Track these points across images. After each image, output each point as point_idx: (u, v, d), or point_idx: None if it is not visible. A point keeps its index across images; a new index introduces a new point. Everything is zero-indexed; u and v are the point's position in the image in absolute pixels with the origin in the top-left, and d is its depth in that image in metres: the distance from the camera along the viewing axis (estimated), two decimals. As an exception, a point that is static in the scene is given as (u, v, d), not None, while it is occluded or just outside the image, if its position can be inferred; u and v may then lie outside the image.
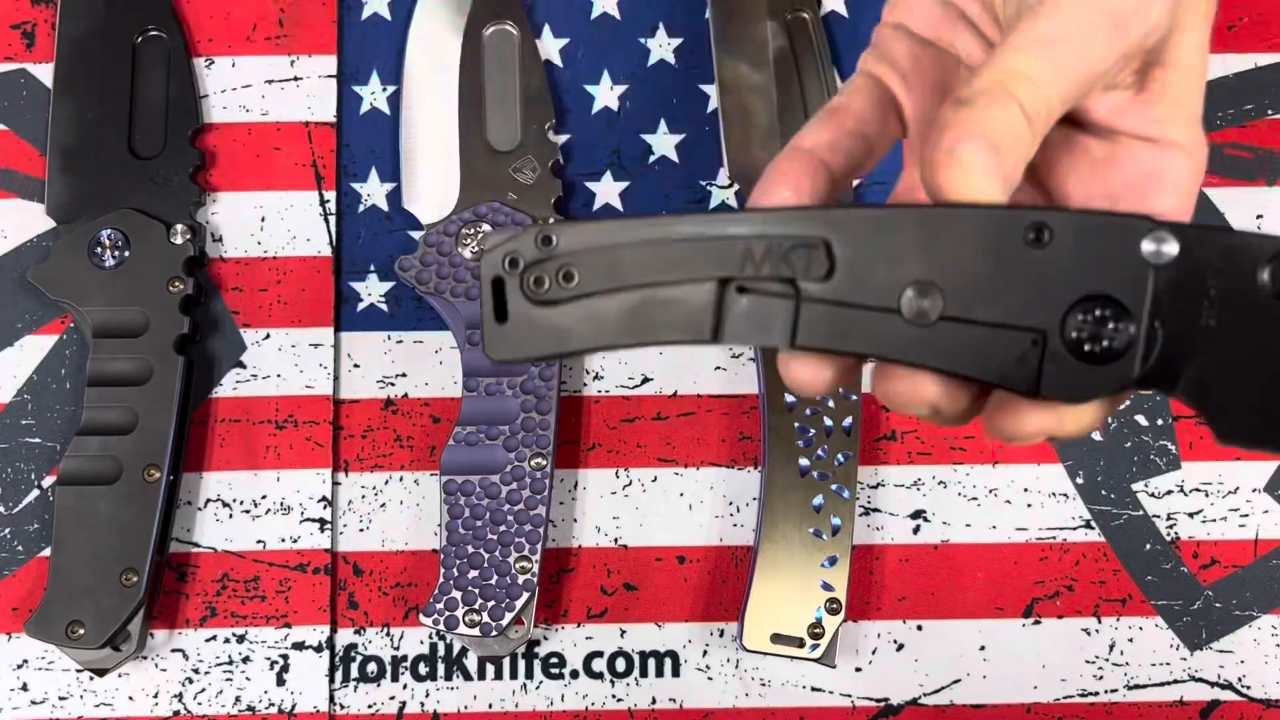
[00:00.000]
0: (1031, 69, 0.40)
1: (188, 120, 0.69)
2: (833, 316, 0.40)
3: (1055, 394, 0.39)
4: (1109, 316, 0.38)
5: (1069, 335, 0.39)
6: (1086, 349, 0.39)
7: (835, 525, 0.64)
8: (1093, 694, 0.66)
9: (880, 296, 0.39)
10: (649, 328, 0.41)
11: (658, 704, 0.66)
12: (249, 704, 0.65)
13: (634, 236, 0.40)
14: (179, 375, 0.65)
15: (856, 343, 0.40)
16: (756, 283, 0.40)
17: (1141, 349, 0.38)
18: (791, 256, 0.40)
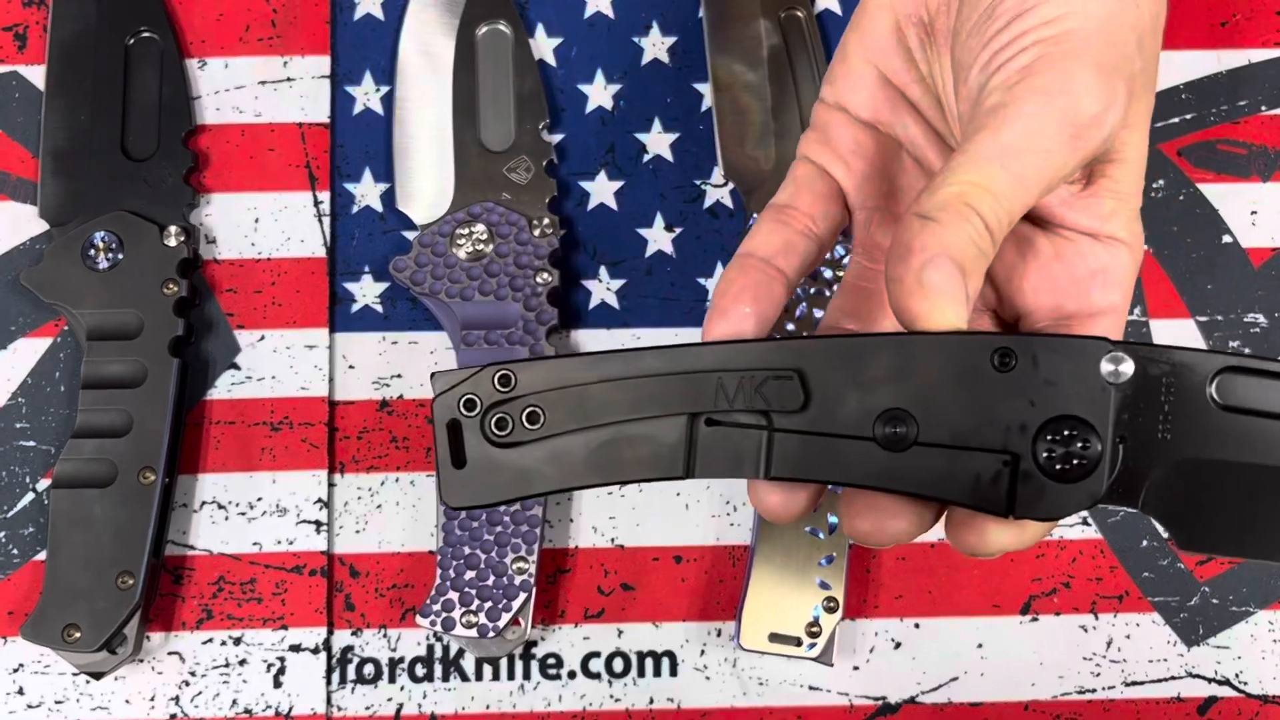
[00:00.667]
0: (993, 181, 0.40)
1: (180, 122, 0.69)
2: (806, 446, 0.40)
3: (1029, 513, 0.40)
4: (1076, 435, 0.40)
5: (1040, 456, 0.40)
6: (1058, 468, 0.40)
7: (832, 524, 0.64)
8: (1090, 691, 0.66)
9: (854, 425, 0.40)
10: (618, 466, 0.41)
11: (655, 704, 0.66)
12: (246, 706, 0.65)
13: (600, 374, 0.40)
14: (173, 377, 0.65)
15: (831, 471, 0.41)
16: (729, 415, 0.40)
17: (1107, 465, 0.40)
18: (765, 389, 0.40)
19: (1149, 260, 0.69)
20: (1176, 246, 0.70)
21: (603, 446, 0.40)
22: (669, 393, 0.40)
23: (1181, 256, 0.70)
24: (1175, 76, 0.71)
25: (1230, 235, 0.70)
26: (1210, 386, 0.40)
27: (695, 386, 0.40)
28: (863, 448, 0.40)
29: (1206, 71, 0.71)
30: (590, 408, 0.40)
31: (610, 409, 0.40)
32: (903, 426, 0.40)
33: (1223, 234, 0.70)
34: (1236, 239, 0.70)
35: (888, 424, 0.40)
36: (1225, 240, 0.70)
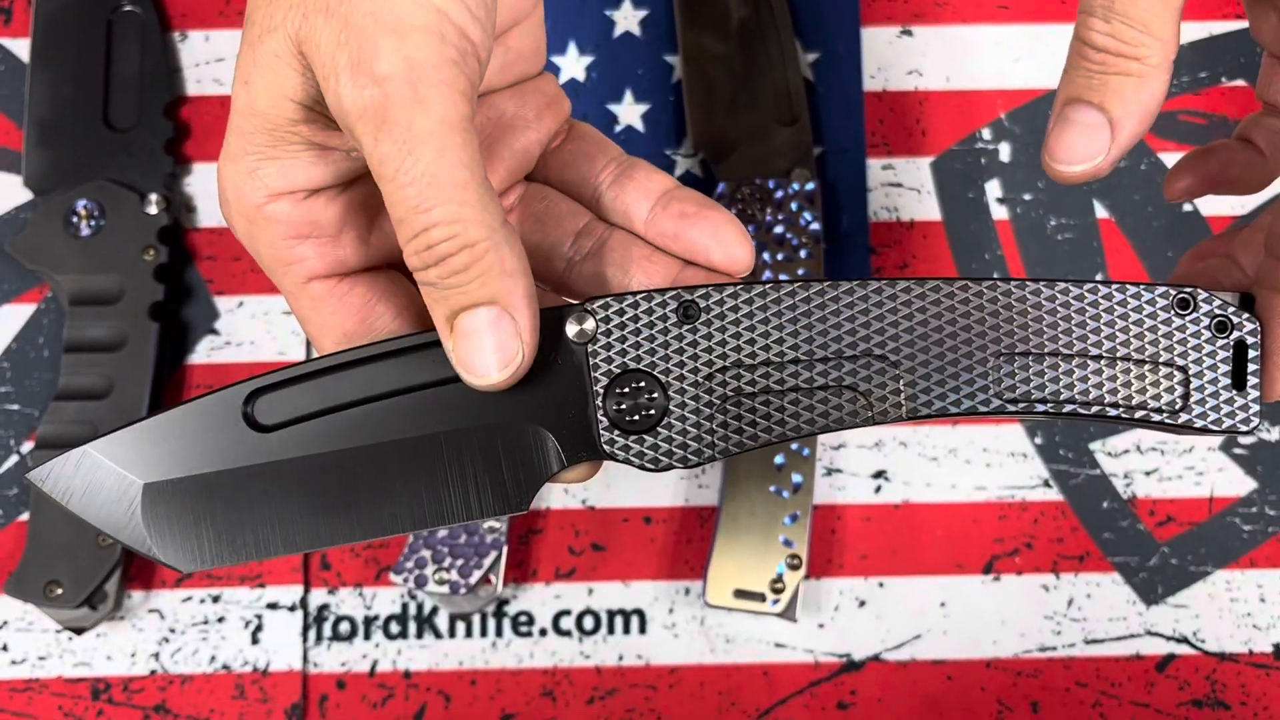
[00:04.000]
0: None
1: (161, 93, 0.70)
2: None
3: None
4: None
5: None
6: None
7: (796, 483, 0.66)
8: (1051, 649, 0.68)
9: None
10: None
11: (625, 660, 0.67)
12: (224, 663, 0.67)
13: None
14: (153, 341, 0.67)
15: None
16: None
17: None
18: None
19: (1110, 227, 0.71)
20: (1138, 215, 0.71)
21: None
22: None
23: (1143, 225, 0.71)
24: (1137, 48, 0.72)
25: (1191, 204, 0.71)
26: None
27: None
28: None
29: (1168, 43, 0.72)
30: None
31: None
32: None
33: (1183, 203, 0.71)
34: (1197, 207, 0.71)
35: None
36: (1186, 208, 0.71)
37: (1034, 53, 0.72)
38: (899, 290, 0.42)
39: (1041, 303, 0.42)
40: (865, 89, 0.72)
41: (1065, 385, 0.42)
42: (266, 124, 0.40)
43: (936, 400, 0.42)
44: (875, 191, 0.71)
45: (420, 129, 0.38)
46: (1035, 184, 0.71)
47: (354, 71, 0.38)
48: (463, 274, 0.39)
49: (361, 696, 0.67)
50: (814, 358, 0.42)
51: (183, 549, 0.41)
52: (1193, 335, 0.43)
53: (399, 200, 0.39)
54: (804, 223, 0.68)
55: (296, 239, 0.42)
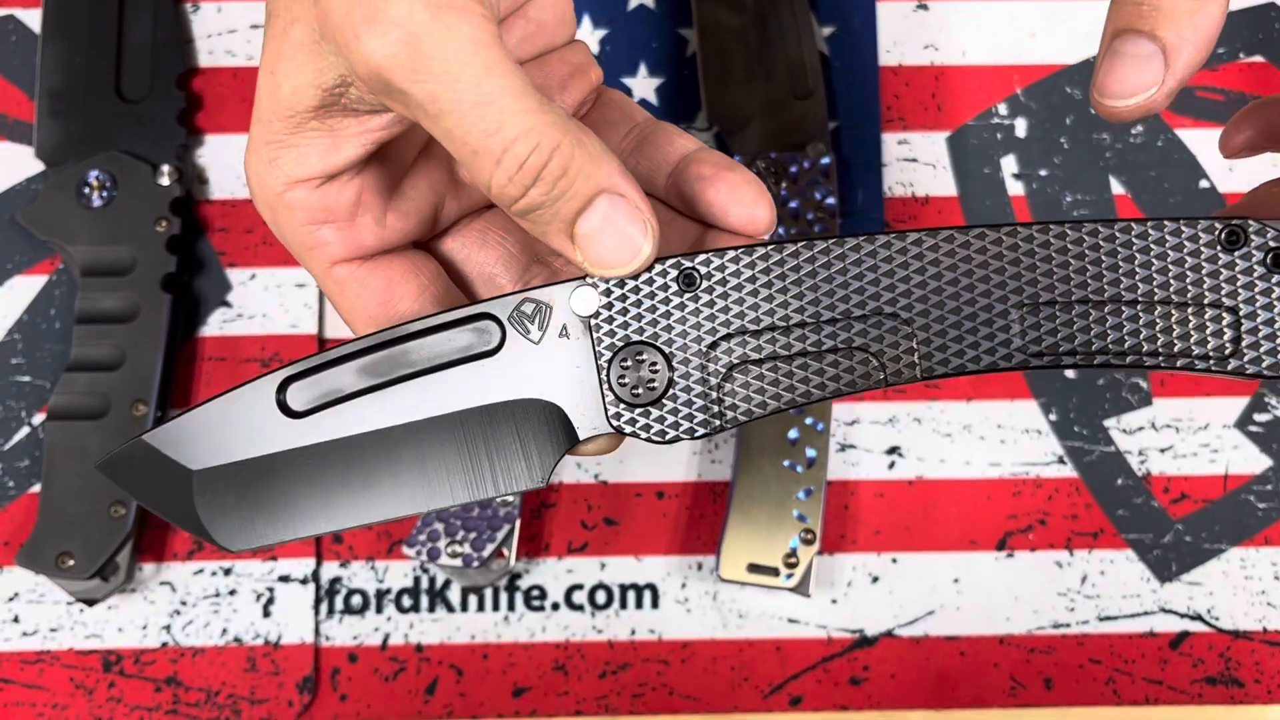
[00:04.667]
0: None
1: (174, 64, 0.70)
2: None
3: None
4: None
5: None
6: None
7: (810, 457, 0.65)
8: (1064, 625, 0.67)
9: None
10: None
11: (637, 635, 0.67)
12: (236, 635, 0.67)
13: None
14: (165, 312, 0.67)
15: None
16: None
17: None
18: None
19: (1126, 203, 0.70)
20: (1155, 191, 0.71)
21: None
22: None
23: (1160, 201, 0.71)
24: (1155, 24, 0.72)
25: (1208, 180, 0.71)
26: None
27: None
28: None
29: (1186, 19, 0.72)
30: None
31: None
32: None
33: (1200, 179, 0.71)
34: (1214, 184, 0.71)
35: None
36: (1203, 185, 0.71)
37: (1051, 27, 0.72)
38: (909, 243, 0.40)
39: (1067, 246, 0.40)
40: (881, 63, 0.71)
41: (1096, 335, 0.39)
42: (287, 112, 0.41)
43: (953, 358, 0.40)
44: (890, 166, 0.71)
45: (458, 55, 0.38)
46: (1051, 159, 0.71)
47: (371, 23, 0.38)
48: (564, 179, 0.39)
49: (373, 669, 0.67)
50: (821, 320, 0.41)
51: (234, 531, 0.42)
52: (1243, 272, 0.39)
53: (465, 131, 0.38)
54: (819, 197, 0.67)
55: (315, 224, 0.43)
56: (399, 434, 0.42)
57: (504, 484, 0.42)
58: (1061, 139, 0.71)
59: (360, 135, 0.42)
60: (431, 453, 0.42)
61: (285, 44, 0.40)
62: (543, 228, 0.40)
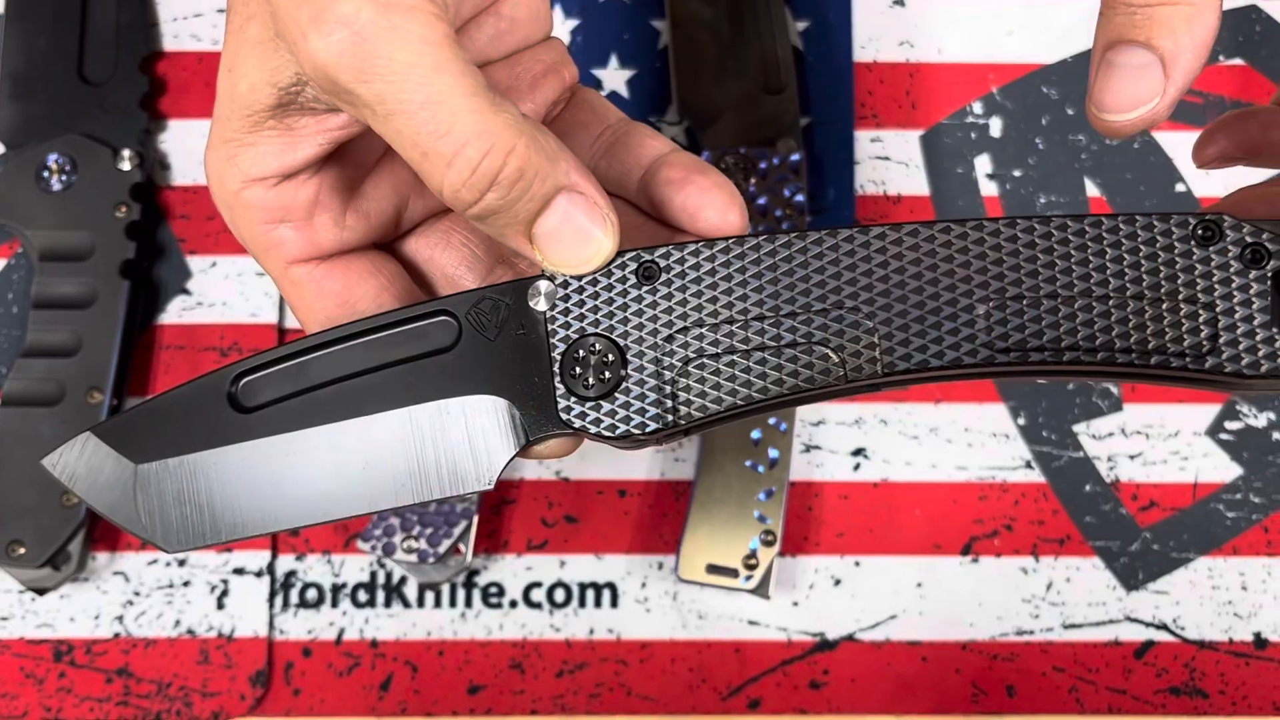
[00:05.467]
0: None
1: (138, 48, 0.69)
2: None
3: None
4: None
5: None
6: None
7: (773, 458, 0.65)
8: (1029, 632, 0.67)
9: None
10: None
11: (595, 634, 0.66)
12: (189, 627, 0.66)
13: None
14: (123, 299, 0.66)
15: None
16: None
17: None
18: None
19: (1102, 206, 0.70)
20: (1130, 194, 0.70)
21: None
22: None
23: (1135, 204, 0.70)
24: (1134, 24, 0.71)
25: (1183, 183, 0.70)
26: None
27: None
28: None
29: (1166, 20, 0.71)
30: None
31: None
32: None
33: (1176, 182, 0.70)
34: (1190, 188, 0.70)
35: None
36: (1179, 189, 0.70)
37: (1029, 25, 0.71)
38: (872, 237, 0.39)
39: (1035, 241, 0.38)
40: (855, 59, 0.71)
41: (1066, 330, 0.38)
42: (244, 110, 0.40)
43: (916, 353, 0.39)
44: (863, 164, 0.70)
45: (405, 56, 0.37)
46: (1026, 160, 0.70)
47: (317, 22, 0.37)
48: (521, 182, 0.38)
49: (328, 664, 0.66)
50: (780, 313, 0.40)
51: (173, 530, 0.41)
52: (1219, 268, 0.38)
53: (414, 134, 0.37)
54: (788, 194, 0.66)
55: (272, 224, 0.42)
56: (349, 432, 0.41)
57: (451, 485, 0.41)
58: (1037, 139, 0.70)
59: (318, 135, 0.41)
60: (379, 451, 0.41)
61: (242, 41, 0.40)
62: (500, 230, 0.40)
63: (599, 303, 0.40)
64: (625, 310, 0.40)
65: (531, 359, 0.40)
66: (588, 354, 0.40)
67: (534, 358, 0.40)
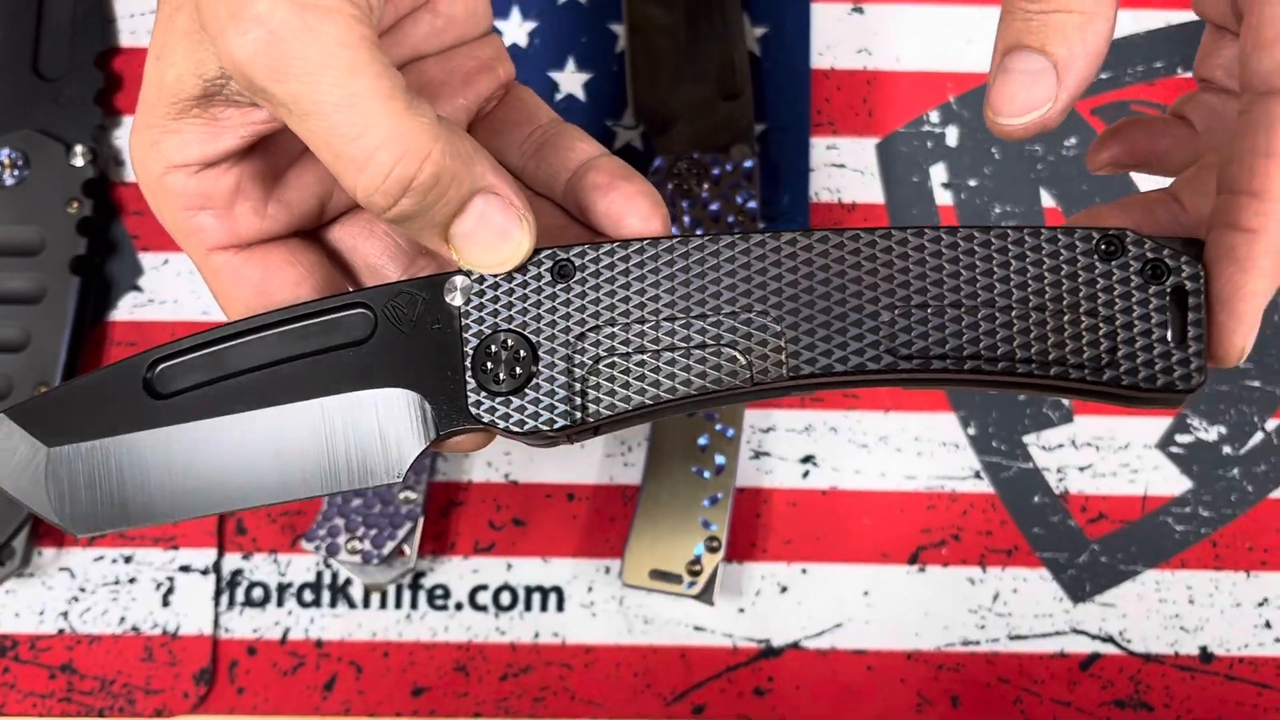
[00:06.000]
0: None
1: (93, 43, 0.69)
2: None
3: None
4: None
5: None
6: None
7: (719, 464, 0.65)
8: (974, 643, 0.66)
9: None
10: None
11: (540, 638, 0.66)
12: (134, 624, 0.66)
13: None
14: (73, 295, 0.66)
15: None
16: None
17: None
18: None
19: (1056, 216, 0.69)
20: (1085, 204, 0.70)
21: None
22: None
23: (1090, 215, 0.69)
24: (1093, 35, 0.71)
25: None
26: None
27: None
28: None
29: (1124, 32, 0.71)
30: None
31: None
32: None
33: (1131, 194, 0.70)
34: (1145, 200, 0.70)
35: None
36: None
37: (987, 34, 0.71)
38: (783, 243, 0.40)
39: (941, 250, 0.39)
40: (813, 66, 0.70)
41: (969, 340, 0.39)
42: (171, 98, 0.40)
43: (820, 357, 0.39)
44: (818, 171, 0.70)
45: (320, 56, 0.37)
46: (982, 170, 0.70)
47: (235, 20, 0.37)
48: (436, 188, 0.38)
49: (272, 663, 0.66)
50: (690, 315, 0.40)
51: (80, 514, 0.41)
52: (1120, 282, 0.38)
53: (327, 136, 0.37)
54: (740, 200, 0.66)
55: (193, 210, 0.43)
56: (262, 421, 0.41)
57: (361, 477, 0.42)
58: (993, 149, 0.70)
59: (241, 127, 0.41)
60: (290, 441, 0.41)
61: (171, 31, 0.40)
62: (416, 232, 0.40)
63: (513, 299, 0.40)
64: (539, 308, 0.40)
65: (445, 353, 0.41)
66: (500, 350, 0.40)
67: (447, 352, 0.41)
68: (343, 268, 0.46)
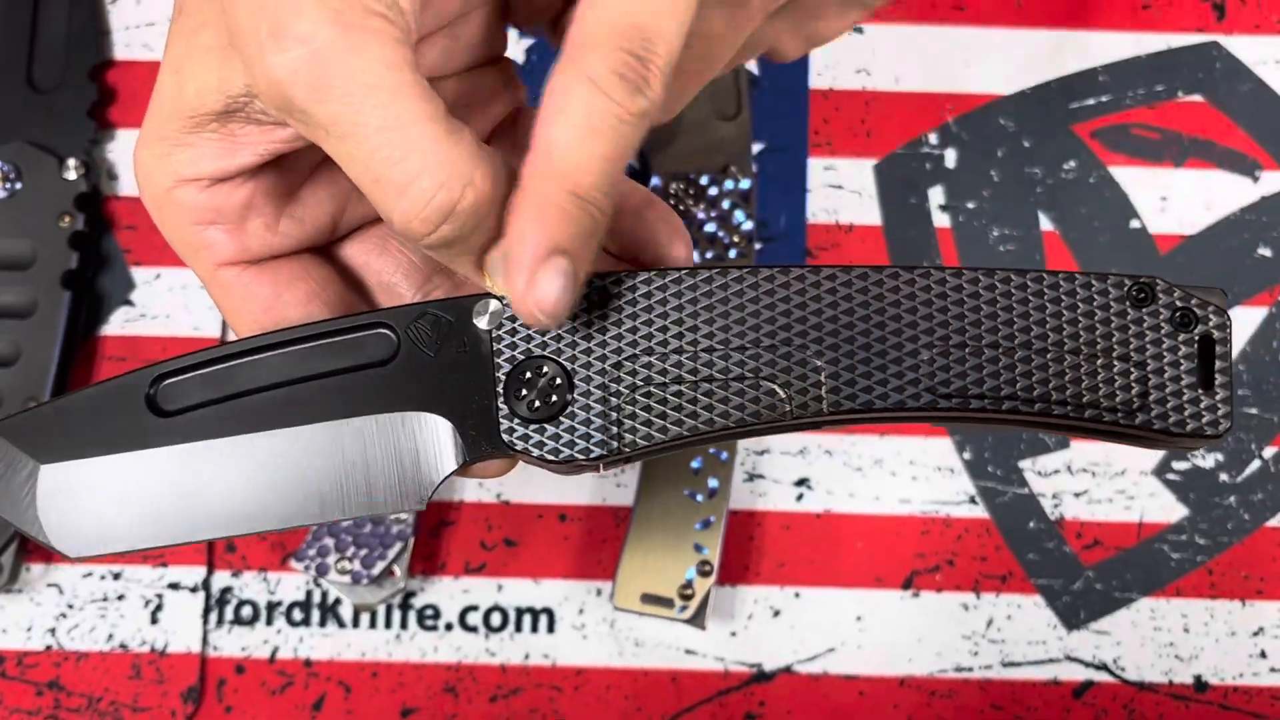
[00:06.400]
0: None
1: (88, 55, 0.69)
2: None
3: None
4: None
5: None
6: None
7: (713, 488, 0.64)
8: (967, 669, 0.66)
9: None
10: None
11: (531, 659, 0.66)
12: (122, 641, 0.65)
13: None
14: (64, 310, 0.65)
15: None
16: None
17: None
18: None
19: (1054, 240, 0.69)
20: (1084, 229, 0.69)
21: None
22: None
23: (1088, 239, 0.69)
24: (1094, 58, 0.70)
25: (1138, 220, 0.69)
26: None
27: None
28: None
29: (1125, 54, 0.71)
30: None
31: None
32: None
33: (1131, 218, 0.69)
34: (1145, 224, 0.69)
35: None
36: (1134, 225, 0.69)
37: (986, 56, 0.70)
38: (823, 278, 0.40)
39: (980, 292, 0.40)
40: (811, 86, 0.70)
41: (1006, 380, 0.39)
42: (189, 111, 0.39)
43: (861, 394, 0.39)
44: (815, 192, 0.69)
45: (365, 77, 0.36)
46: (980, 192, 0.69)
47: (276, 38, 0.36)
48: (474, 215, 0.37)
49: (260, 682, 0.65)
50: (730, 346, 0.40)
51: (77, 536, 0.40)
52: (1151, 329, 0.40)
53: (367, 159, 0.36)
54: (736, 222, 0.66)
55: (202, 225, 0.42)
56: (273, 443, 0.40)
57: (381, 504, 0.41)
58: (992, 171, 0.69)
59: (260, 145, 0.41)
60: (304, 464, 0.40)
61: (194, 45, 0.39)
62: (450, 259, 0.39)
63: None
64: (574, 334, 0.40)
65: (473, 378, 0.40)
66: (535, 376, 0.40)
67: (476, 377, 0.40)
68: (355, 285, 0.46)
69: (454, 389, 0.40)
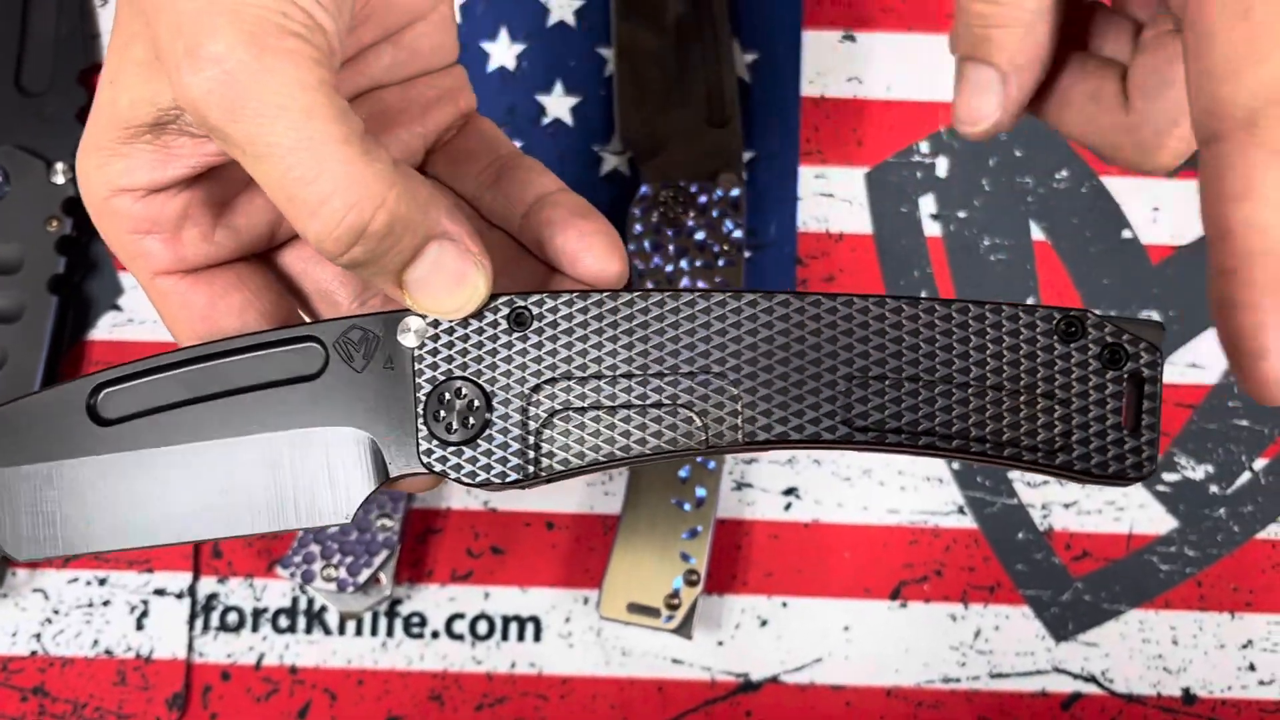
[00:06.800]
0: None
1: (76, 59, 0.68)
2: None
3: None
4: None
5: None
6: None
7: (700, 497, 0.64)
8: (955, 680, 0.66)
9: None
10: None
11: (517, 668, 0.66)
12: (107, 647, 0.65)
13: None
14: (51, 315, 0.65)
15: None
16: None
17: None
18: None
19: (1046, 250, 0.69)
20: (1075, 239, 0.69)
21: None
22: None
23: (1080, 249, 0.69)
24: (1087, 67, 0.70)
25: (1130, 230, 0.69)
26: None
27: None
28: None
29: (1118, 63, 0.70)
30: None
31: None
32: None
33: (1123, 229, 0.69)
34: (1136, 234, 0.69)
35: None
36: (1125, 235, 0.69)
37: (979, 65, 0.70)
38: (744, 304, 0.39)
39: (902, 322, 0.39)
40: (802, 94, 0.70)
41: (924, 415, 0.38)
42: (122, 123, 0.40)
43: (776, 424, 0.39)
44: (806, 200, 0.69)
45: (276, 98, 0.36)
46: (971, 201, 0.69)
47: (191, 58, 0.36)
48: (389, 237, 0.37)
49: (246, 689, 0.65)
50: (648, 372, 0.39)
51: (20, 538, 0.41)
52: (1078, 365, 0.38)
53: (280, 179, 0.36)
54: (726, 230, 0.66)
55: (139, 234, 0.42)
56: (206, 453, 0.41)
57: (308, 516, 0.41)
58: (983, 181, 0.69)
59: (193, 156, 0.41)
60: (237, 475, 0.41)
61: (126, 59, 0.40)
62: (369, 277, 0.39)
63: (468, 345, 0.40)
64: (494, 356, 0.40)
65: (396, 396, 0.40)
66: (453, 397, 0.40)
67: (399, 395, 0.40)
68: (293, 291, 0.46)
69: (377, 405, 0.40)
